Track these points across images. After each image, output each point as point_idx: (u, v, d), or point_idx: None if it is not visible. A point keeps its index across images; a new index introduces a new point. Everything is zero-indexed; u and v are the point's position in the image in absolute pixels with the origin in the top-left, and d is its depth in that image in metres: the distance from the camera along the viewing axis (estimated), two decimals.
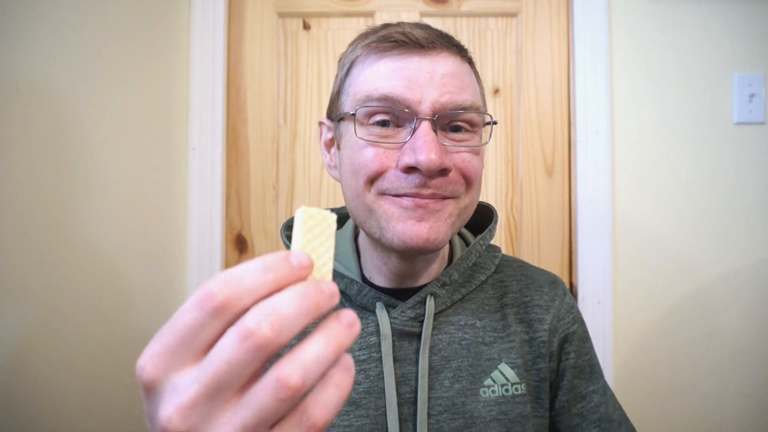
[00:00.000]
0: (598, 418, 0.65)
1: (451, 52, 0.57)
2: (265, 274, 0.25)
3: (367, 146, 0.55)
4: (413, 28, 0.56)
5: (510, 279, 0.68)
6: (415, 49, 0.55)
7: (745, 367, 1.15)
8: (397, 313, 0.59)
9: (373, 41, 0.57)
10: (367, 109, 0.55)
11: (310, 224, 0.29)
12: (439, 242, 0.55)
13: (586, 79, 1.19)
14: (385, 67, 0.56)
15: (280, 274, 0.26)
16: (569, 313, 0.67)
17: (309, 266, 0.27)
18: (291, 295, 0.25)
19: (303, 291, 0.25)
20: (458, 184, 0.56)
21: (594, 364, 0.68)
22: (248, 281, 0.25)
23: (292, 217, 0.75)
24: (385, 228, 0.55)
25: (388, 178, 0.55)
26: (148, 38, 1.00)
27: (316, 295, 0.26)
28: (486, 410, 0.58)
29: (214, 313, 0.24)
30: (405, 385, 0.58)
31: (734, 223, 1.17)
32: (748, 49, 1.18)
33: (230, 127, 1.22)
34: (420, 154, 0.52)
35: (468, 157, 0.57)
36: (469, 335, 0.61)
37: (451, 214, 0.56)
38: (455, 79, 0.56)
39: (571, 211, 1.21)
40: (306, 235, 0.29)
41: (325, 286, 0.26)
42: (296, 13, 1.23)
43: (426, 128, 0.53)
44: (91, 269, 0.80)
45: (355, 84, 0.58)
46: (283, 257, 0.26)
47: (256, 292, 0.25)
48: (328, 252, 0.30)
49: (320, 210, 0.30)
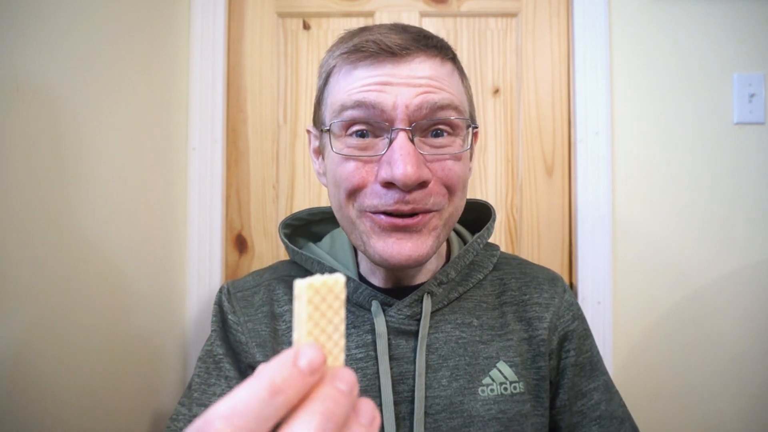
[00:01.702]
0: (598, 415, 0.65)
1: (428, 54, 0.56)
2: (275, 398, 0.21)
3: (347, 160, 0.54)
4: (388, 34, 0.55)
5: (509, 277, 0.68)
6: (388, 57, 0.54)
7: (746, 368, 1.15)
8: (394, 311, 0.59)
9: (346, 51, 0.56)
10: (342, 122, 0.54)
11: (316, 301, 0.25)
12: (424, 258, 0.54)
13: (586, 79, 1.19)
14: (359, 75, 0.54)
15: (292, 393, 0.22)
16: (569, 310, 0.67)
17: (323, 365, 0.23)
18: (313, 423, 0.21)
19: (324, 411, 0.22)
20: (439, 195, 0.55)
21: (595, 362, 0.67)
22: (255, 413, 0.21)
23: (290, 215, 0.75)
24: (367, 244, 0.55)
25: (368, 194, 0.54)
26: (148, 38, 1.00)
27: (339, 410, 0.22)
28: (484, 409, 0.58)
29: None
30: (402, 383, 0.58)
31: (734, 223, 1.17)
32: (748, 49, 1.18)
33: (230, 127, 1.22)
34: (396, 169, 0.50)
35: (449, 164, 0.55)
36: (467, 334, 0.61)
37: (436, 227, 0.55)
38: (433, 81, 0.54)
39: (571, 211, 1.21)
40: (312, 317, 0.25)
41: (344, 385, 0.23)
42: (296, 13, 1.23)
43: (403, 139, 0.52)
44: (90, 269, 0.80)
45: (332, 95, 0.57)
46: (292, 363, 0.22)
47: (266, 425, 0.21)
48: (338, 329, 0.25)
49: (325, 279, 0.25)
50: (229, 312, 0.68)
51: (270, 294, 0.68)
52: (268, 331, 0.65)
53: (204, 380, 0.64)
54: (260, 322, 0.66)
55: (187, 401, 0.64)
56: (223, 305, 0.69)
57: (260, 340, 0.64)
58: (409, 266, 0.54)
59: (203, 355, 0.67)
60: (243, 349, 0.65)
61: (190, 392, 0.64)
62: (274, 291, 0.68)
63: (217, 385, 0.63)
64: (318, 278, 0.25)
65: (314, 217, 0.77)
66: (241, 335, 0.65)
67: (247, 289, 0.70)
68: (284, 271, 0.71)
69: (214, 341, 0.67)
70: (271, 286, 0.69)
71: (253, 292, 0.70)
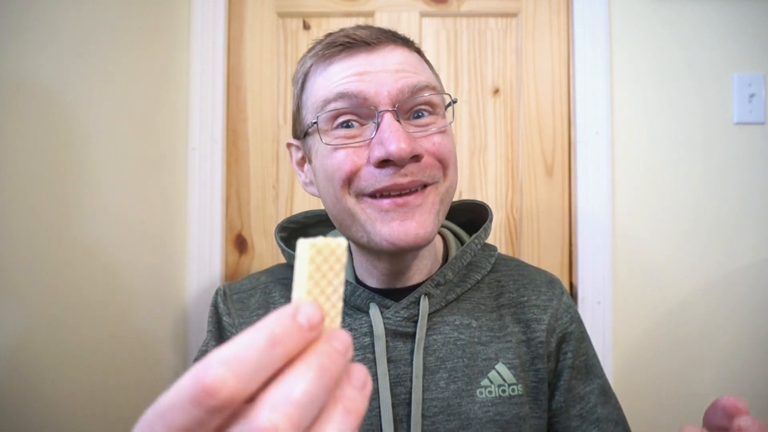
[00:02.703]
0: (595, 419, 0.64)
1: (397, 44, 0.58)
2: (274, 349, 0.22)
3: (336, 150, 0.55)
4: (356, 30, 0.57)
5: (507, 278, 0.68)
6: (362, 47, 0.56)
7: (746, 368, 1.15)
8: (391, 313, 0.59)
9: (319, 50, 0.58)
10: (328, 114, 0.55)
11: (317, 261, 0.25)
12: (429, 235, 0.55)
13: (586, 79, 1.19)
14: (335, 70, 0.56)
15: (290, 345, 0.22)
16: (567, 312, 0.67)
17: (321, 322, 0.24)
18: (307, 376, 0.22)
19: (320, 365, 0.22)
20: (434, 168, 0.56)
21: (591, 365, 0.67)
22: (254, 361, 0.21)
23: (286, 218, 0.75)
24: (372, 232, 0.55)
25: (364, 176, 0.55)
26: (148, 38, 1.00)
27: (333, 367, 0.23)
28: (482, 411, 0.58)
29: (217, 410, 0.20)
30: (400, 386, 0.58)
31: (734, 223, 1.17)
32: (748, 49, 1.18)
33: (230, 127, 1.22)
34: (389, 145, 0.52)
35: (438, 138, 0.57)
36: (465, 335, 0.61)
37: (434, 203, 0.56)
38: (407, 65, 0.57)
39: (571, 211, 1.21)
40: (313, 276, 0.25)
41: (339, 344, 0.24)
42: (296, 13, 1.23)
43: (389, 119, 0.53)
44: (90, 269, 0.80)
45: (311, 95, 0.58)
46: (291, 317, 0.23)
47: (264, 373, 0.21)
48: (337, 291, 0.26)
49: (328, 241, 0.25)
50: (225, 314, 0.68)
51: (266, 297, 0.68)
52: None
53: None
54: None
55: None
56: (219, 307, 0.69)
57: None
58: (417, 245, 0.55)
59: (199, 356, 0.67)
60: None
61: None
62: (270, 294, 0.68)
63: None
64: (321, 239, 0.25)
65: (310, 220, 0.77)
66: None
67: (243, 291, 0.70)
68: (281, 274, 0.72)
69: (209, 342, 0.67)
70: (267, 288, 0.69)
71: (249, 294, 0.70)
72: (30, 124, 0.68)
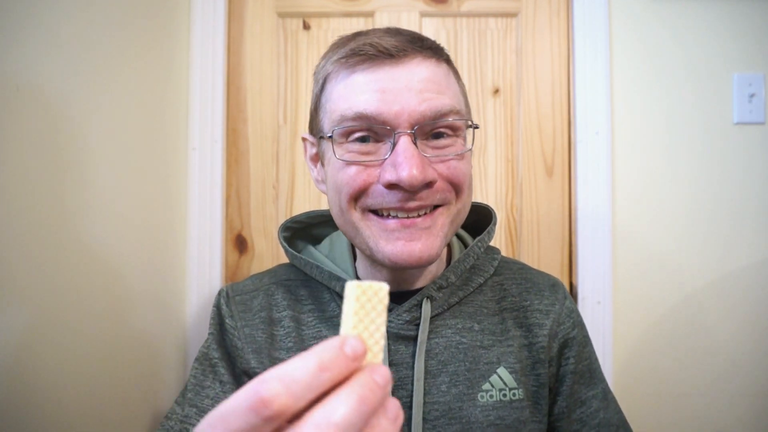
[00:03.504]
0: (597, 423, 0.64)
1: (425, 56, 0.55)
2: (322, 373, 0.24)
3: (348, 165, 0.54)
4: (383, 37, 0.55)
5: (509, 282, 0.67)
6: (386, 60, 0.53)
7: (746, 368, 1.15)
8: (393, 316, 0.59)
9: (342, 56, 0.55)
10: (343, 129, 0.54)
11: (362, 300, 0.28)
12: (433, 257, 0.54)
13: (586, 79, 1.19)
14: (357, 82, 0.54)
15: (336, 372, 0.25)
16: (569, 317, 0.66)
17: (364, 354, 0.26)
18: (348, 402, 0.24)
19: (361, 395, 0.24)
20: (446, 192, 0.55)
21: (594, 369, 0.67)
22: (304, 382, 0.24)
23: (289, 218, 0.75)
24: (375, 249, 0.55)
25: (372, 194, 0.54)
26: (148, 38, 1.00)
27: (373, 397, 0.25)
28: (483, 415, 0.58)
29: (269, 419, 0.23)
30: (401, 389, 0.58)
31: (734, 223, 1.17)
32: (748, 49, 1.18)
33: (230, 127, 1.22)
34: (401, 171, 0.50)
35: (454, 163, 0.55)
36: (467, 339, 0.61)
37: (443, 225, 0.55)
38: (432, 83, 0.54)
39: (571, 211, 1.21)
40: (358, 314, 0.28)
41: (380, 378, 0.26)
42: (296, 13, 1.23)
43: (406, 143, 0.52)
44: (89, 269, 0.80)
45: (330, 100, 0.57)
46: (338, 348, 0.25)
47: (312, 394, 0.24)
48: (380, 329, 0.28)
49: (372, 283, 0.28)
50: (227, 316, 0.68)
51: (269, 299, 0.68)
52: (264, 337, 0.65)
53: (199, 382, 0.65)
54: (257, 328, 0.66)
55: (182, 401, 0.64)
56: (221, 308, 0.69)
57: (256, 346, 0.64)
58: (421, 266, 0.54)
59: (200, 357, 0.67)
60: (238, 354, 0.65)
61: (185, 392, 0.65)
62: (272, 296, 0.68)
63: (211, 387, 0.64)
64: (366, 282, 0.29)
65: (313, 220, 0.77)
66: (237, 340, 0.65)
67: (246, 292, 0.70)
68: (284, 275, 0.71)
69: (210, 344, 0.67)
70: (270, 290, 0.69)
71: (252, 296, 0.69)
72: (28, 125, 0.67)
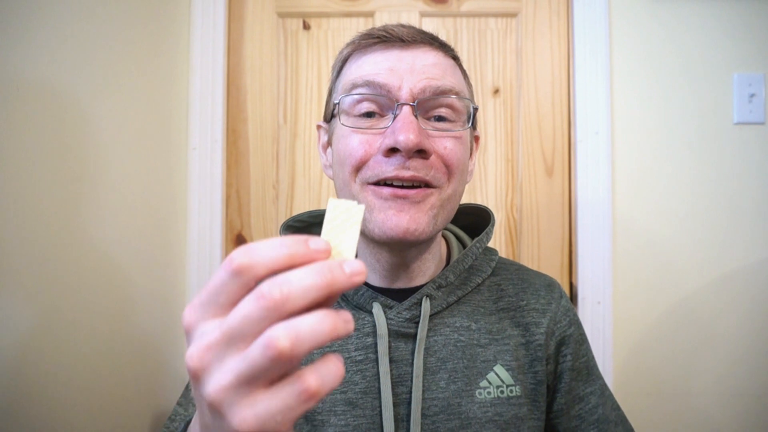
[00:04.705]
0: (596, 419, 0.65)
1: (432, 47, 0.60)
2: (280, 248, 0.28)
3: (353, 134, 0.58)
4: (396, 27, 0.60)
5: (506, 282, 0.68)
6: (397, 44, 0.58)
7: (746, 367, 1.15)
8: (393, 313, 0.60)
9: (357, 40, 0.61)
10: (351, 98, 0.58)
11: (335, 214, 0.32)
12: (420, 233, 0.56)
13: (586, 79, 1.19)
14: (368, 60, 0.59)
15: (295, 251, 0.28)
16: (566, 316, 0.67)
17: (324, 250, 0.29)
18: (304, 270, 0.28)
19: (317, 267, 0.28)
20: (439, 171, 0.57)
21: (591, 366, 0.68)
22: (264, 251, 0.28)
23: (291, 217, 0.75)
24: (368, 219, 0.57)
25: (371, 166, 0.57)
26: (148, 39, 1.00)
27: (330, 273, 0.28)
28: (481, 411, 0.59)
29: (233, 274, 0.28)
30: (401, 385, 0.58)
31: (734, 223, 1.17)
32: (748, 49, 1.18)
33: (230, 127, 1.22)
34: (399, 135, 0.53)
35: (450, 144, 0.58)
36: (465, 337, 0.62)
37: (433, 206, 0.57)
38: (436, 68, 0.59)
39: (571, 211, 1.21)
40: (330, 224, 0.32)
41: (346, 265, 0.29)
42: (296, 13, 1.23)
43: (407, 112, 0.55)
44: (91, 269, 0.80)
45: (343, 80, 0.61)
46: (302, 239, 0.29)
47: (270, 262, 0.28)
48: (351, 239, 0.31)
49: (347, 201, 0.32)
50: None
51: None
52: None
53: None
54: None
55: (184, 401, 0.65)
56: None
57: None
58: (407, 240, 0.56)
59: None
60: None
61: (187, 392, 0.65)
62: None
63: None
64: (344, 200, 0.33)
65: (315, 220, 0.77)
66: None
67: None
68: None
69: None
70: None
71: None
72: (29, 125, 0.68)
